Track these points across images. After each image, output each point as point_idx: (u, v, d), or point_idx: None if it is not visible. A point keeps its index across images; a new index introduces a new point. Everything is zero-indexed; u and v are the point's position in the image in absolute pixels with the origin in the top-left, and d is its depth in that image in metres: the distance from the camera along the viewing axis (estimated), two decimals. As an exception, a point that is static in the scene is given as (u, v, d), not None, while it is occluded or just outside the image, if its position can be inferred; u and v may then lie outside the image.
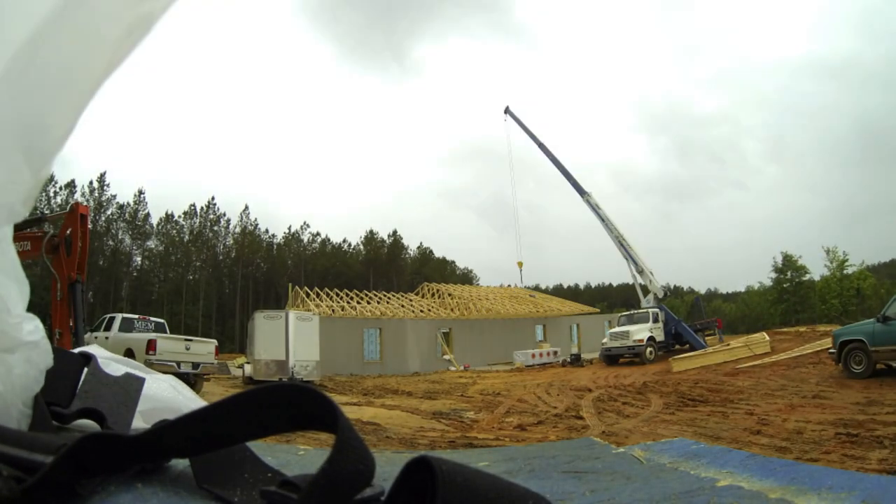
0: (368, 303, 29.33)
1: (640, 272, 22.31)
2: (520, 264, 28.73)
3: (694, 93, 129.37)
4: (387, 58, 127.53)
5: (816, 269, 45.43)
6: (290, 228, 70.37)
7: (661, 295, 22.15)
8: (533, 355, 24.25)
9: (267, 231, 69.05)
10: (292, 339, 15.66)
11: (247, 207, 70.45)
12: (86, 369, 0.62)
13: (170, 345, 11.02)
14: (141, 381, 0.67)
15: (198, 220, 63.74)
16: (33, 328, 0.54)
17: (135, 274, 60.05)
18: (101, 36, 0.50)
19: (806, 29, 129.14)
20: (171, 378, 0.86)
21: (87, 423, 0.58)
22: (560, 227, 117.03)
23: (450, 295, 32.60)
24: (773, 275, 45.33)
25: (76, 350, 0.66)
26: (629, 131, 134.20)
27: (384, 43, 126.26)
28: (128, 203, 59.59)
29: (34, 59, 0.47)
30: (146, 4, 0.51)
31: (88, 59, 0.51)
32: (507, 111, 26.78)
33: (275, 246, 68.68)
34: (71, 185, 54.47)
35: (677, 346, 20.44)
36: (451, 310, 30.26)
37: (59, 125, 0.51)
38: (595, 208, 23.08)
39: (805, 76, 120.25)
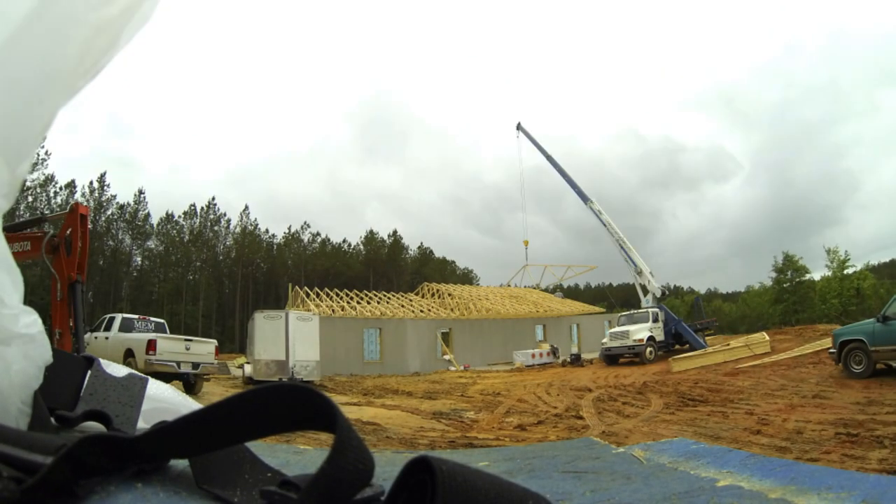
0: (368, 303, 29.32)
1: (639, 273, 22.66)
2: (525, 243, 33.81)
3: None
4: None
5: (817, 269, 45.40)
6: (290, 228, 70.42)
7: (658, 294, 22.37)
8: (533, 355, 24.27)
9: (267, 231, 69.13)
10: (292, 339, 15.66)
11: (247, 207, 70.54)
12: (89, 372, 0.62)
13: (170, 345, 11.01)
14: (144, 380, 0.67)
15: (198, 220, 63.75)
16: (31, 321, 0.54)
17: (135, 274, 60.01)
18: (75, 37, 0.51)
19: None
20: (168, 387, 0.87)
21: (93, 426, 0.58)
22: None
23: (450, 295, 32.60)
24: (773, 275, 45.26)
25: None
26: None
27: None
28: (128, 203, 59.63)
29: (5, 59, 0.48)
30: (115, 5, 0.52)
31: (63, 59, 0.51)
32: (518, 127, 29.30)
33: (275, 246, 68.65)
34: (71, 185, 54.45)
35: (677, 346, 20.47)
36: (451, 310, 30.24)
37: (34, 123, 0.51)
38: (597, 214, 24.18)
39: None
